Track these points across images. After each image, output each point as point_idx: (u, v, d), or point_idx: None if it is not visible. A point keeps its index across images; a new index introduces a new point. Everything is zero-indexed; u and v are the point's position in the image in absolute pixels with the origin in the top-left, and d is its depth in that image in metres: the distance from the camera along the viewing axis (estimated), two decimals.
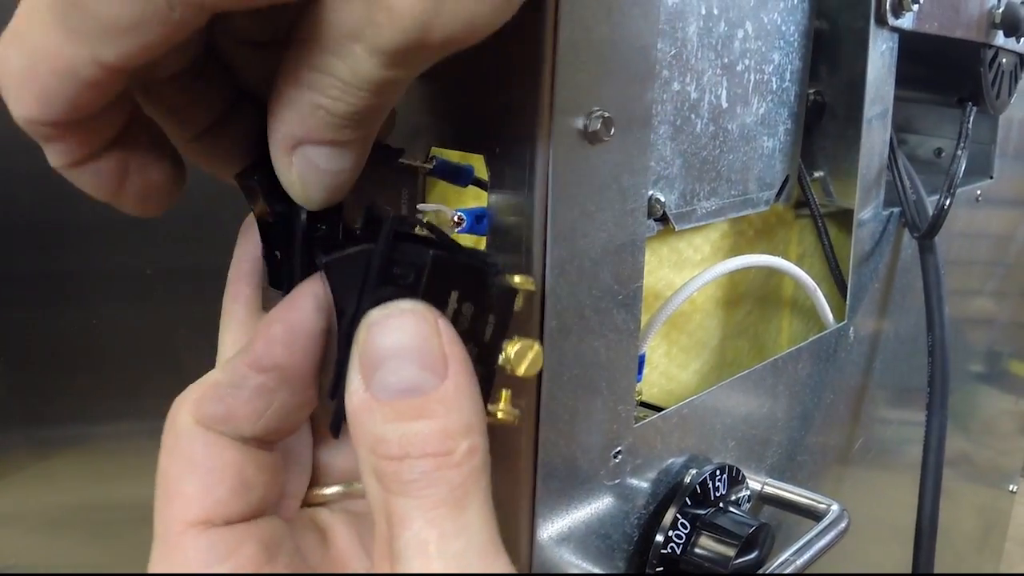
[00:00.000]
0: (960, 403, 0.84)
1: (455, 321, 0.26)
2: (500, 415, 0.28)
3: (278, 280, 0.29)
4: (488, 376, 0.27)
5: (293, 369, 0.26)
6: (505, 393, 0.28)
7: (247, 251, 0.29)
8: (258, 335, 0.26)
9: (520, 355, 0.28)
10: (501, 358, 0.28)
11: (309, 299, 0.26)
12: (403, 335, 0.24)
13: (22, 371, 0.59)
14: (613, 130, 0.32)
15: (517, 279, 0.28)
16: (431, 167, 0.33)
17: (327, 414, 0.26)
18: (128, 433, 0.55)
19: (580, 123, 0.31)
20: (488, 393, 0.28)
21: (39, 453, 0.60)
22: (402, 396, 0.23)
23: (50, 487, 0.60)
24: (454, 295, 0.26)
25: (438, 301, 0.25)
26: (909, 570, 0.61)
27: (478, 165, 0.33)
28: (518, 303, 0.28)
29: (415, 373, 0.23)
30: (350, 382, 0.24)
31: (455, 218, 0.33)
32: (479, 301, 0.26)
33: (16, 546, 0.64)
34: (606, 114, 0.32)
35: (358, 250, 0.25)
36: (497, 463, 0.34)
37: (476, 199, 0.34)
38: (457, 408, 0.23)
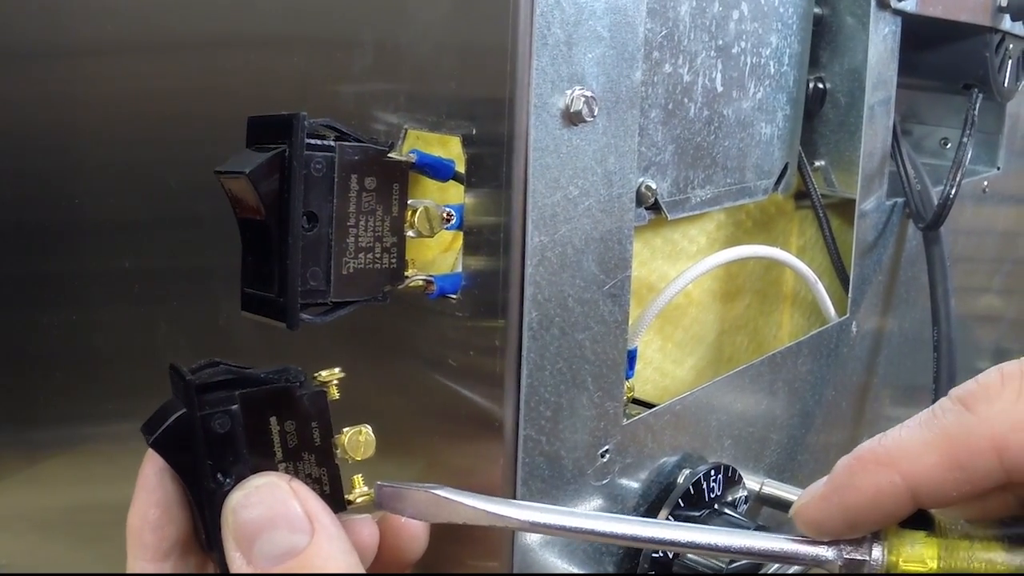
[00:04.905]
0: None
1: (285, 440, 0.28)
2: (359, 500, 0.30)
3: (262, 280, 0.29)
4: (334, 473, 0.30)
5: (182, 537, 0.29)
6: (356, 479, 0.30)
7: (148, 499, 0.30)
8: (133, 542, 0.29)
9: (353, 444, 0.30)
10: (338, 453, 0.30)
11: (156, 491, 0.29)
12: (265, 508, 0.27)
13: (10, 373, 0.58)
14: (596, 110, 0.31)
15: (323, 375, 0.29)
16: (413, 162, 0.31)
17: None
18: (118, 435, 0.53)
19: (561, 102, 0.30)
20: (340, 488, 0.30)
21: (28, 456, 0.59)
22: (282, 560, 0.26)
23: (40, 490, 0.59)
24: (273, 420, 0.28)
25: (260, 432, 0.28)
26: None
27: (456, 148, 0.31)
28: (332, 395, 0.29)
29: (287, 536, 0.26)
30: (232, 561, 0.26)
31: (444, 214, 0.31)
32: (296, 414, 0.29)
33: (6, 549, 0.63)
34: (588, 93, 0.30)
35: (173, 419, 0.27)
36: (476, 462, 0.32)
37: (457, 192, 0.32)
38: (333, 553, 0.26)
